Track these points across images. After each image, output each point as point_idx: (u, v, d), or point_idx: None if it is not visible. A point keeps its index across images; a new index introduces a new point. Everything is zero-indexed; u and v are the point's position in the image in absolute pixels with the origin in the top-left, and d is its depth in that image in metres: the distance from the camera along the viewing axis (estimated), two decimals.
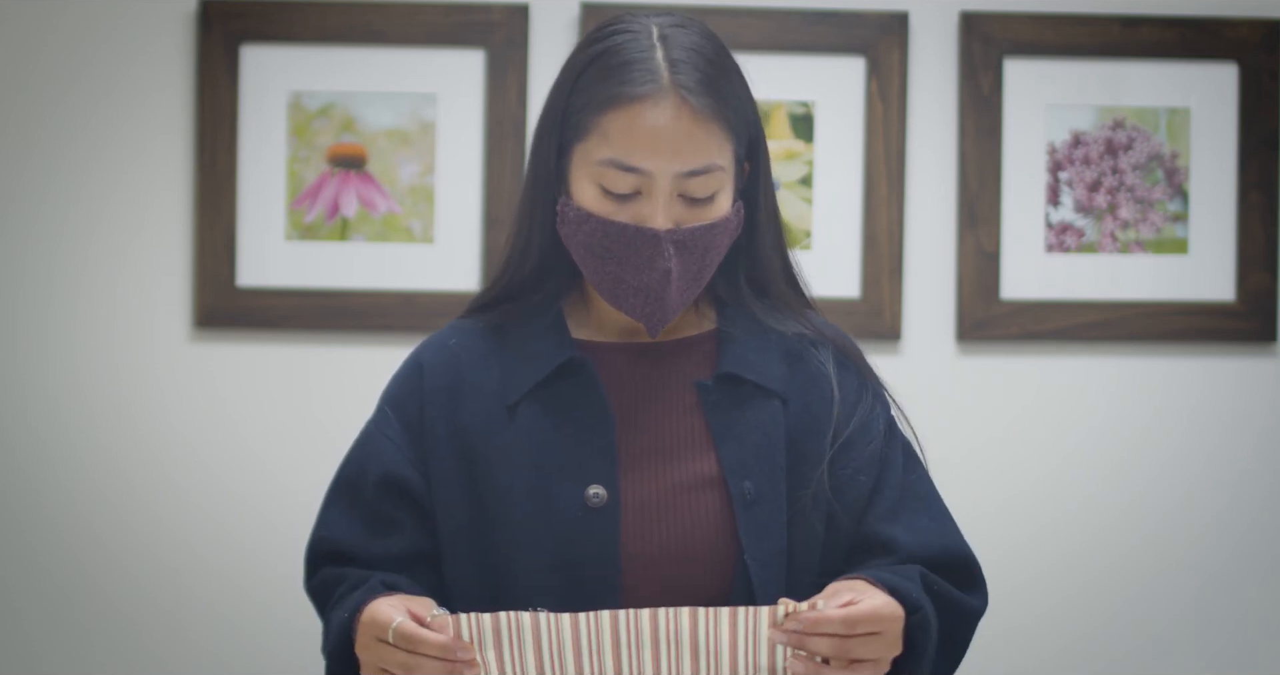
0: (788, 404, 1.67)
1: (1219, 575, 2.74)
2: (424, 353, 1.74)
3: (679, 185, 1.61)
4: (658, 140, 1.59)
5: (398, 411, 1.71)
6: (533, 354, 1.68)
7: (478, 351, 1.71)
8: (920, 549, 1.65)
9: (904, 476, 1.70)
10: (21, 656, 2.63)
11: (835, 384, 1.69)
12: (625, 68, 1.61)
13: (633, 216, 1.62)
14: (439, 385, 1.70)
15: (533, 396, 1.66)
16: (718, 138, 1.62)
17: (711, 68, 1.63)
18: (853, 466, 1.67)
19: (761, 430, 1.65)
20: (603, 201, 1.62)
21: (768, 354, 1.69)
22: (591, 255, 1.64)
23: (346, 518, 1.70)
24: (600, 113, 1.61)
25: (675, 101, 1.60)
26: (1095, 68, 2.72)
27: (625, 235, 1.61)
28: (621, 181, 1.61)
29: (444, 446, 1.67)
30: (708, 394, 1.67)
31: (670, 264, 1.61)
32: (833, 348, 1.72)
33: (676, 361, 1.70)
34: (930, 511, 1.70)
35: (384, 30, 2.65)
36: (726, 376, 1.68)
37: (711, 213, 1.63)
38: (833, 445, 1.66)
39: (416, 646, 1.49)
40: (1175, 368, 2.74)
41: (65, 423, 2.64)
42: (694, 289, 1.65)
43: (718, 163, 1.62)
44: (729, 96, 1.63)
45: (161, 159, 2.66)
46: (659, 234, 1.60)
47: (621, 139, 1.60)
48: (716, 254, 1.65)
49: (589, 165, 1.62)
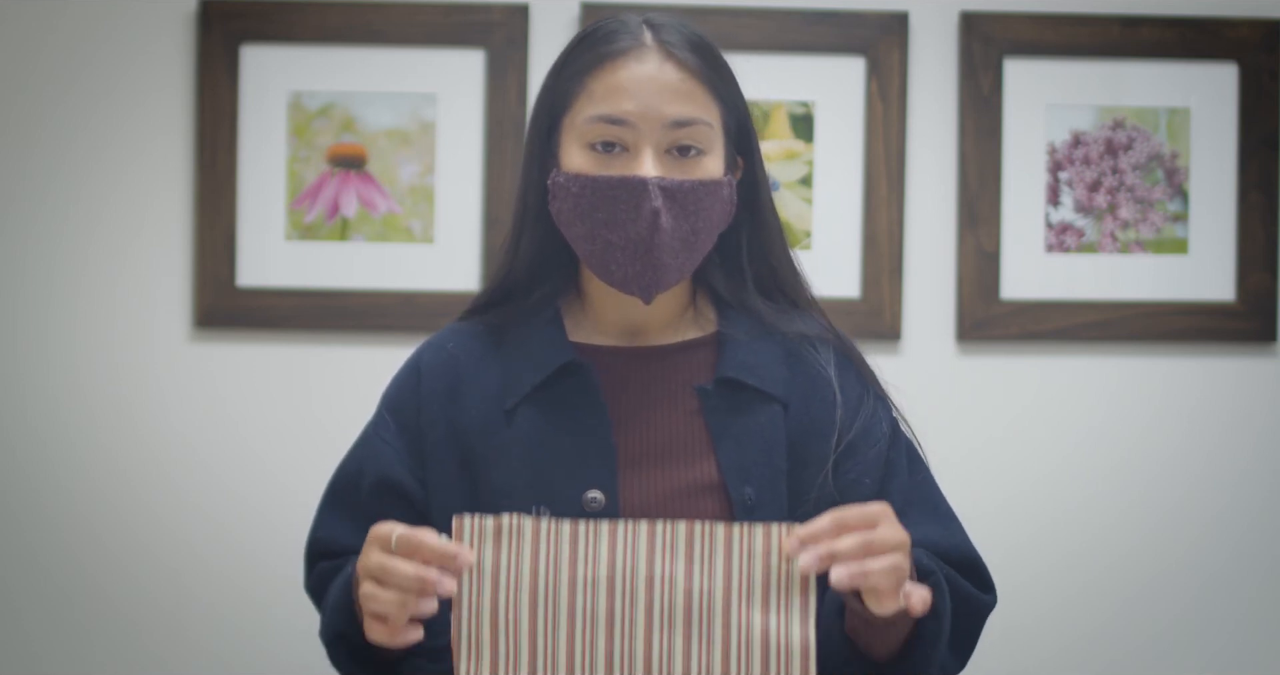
0: (788, 408, 1.66)
1: (1219, 575, 2.74)
2: (423, 356, 1.74)
3: (666, 136, 1.61)
4: (641, 89, 1.61)
5: (395, 415, 1.71)
6: (531, 357, 1.67)
7: (476, 354, 1.71)
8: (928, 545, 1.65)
9: (908, 479, 1.70)
10: (21, 656, 2.63)
11: (837, 387, 1.68)
12: (609, 37, 1.64)
13: (621, 171, 1.61)
14: (437, 389, 1.69)
15: (531, 400, 1.65)
16: (703, 96, 1.63)
17: (699, 41, 1.66)
18: (856, 470, 1.66)
19: (762, 435, 1.64)
20: (591, 160, 1.62)
21: (768, 357, 1.68)
22: (580, 220, 1.63)
23: (341, 519, 1.70)
24: (585, 75, 1.63)
25: (659, 56, 1.62)
26: (1095, 68, 2.72)
27: (612, 186, 1.60)
28: (609, 134, 1.61)
29: (443, 449, 1.67)
30: (707, 398, 1.66)
31: (658, 205, 1.59)
32: (835, 350, 1.72)
33: (676, 365, 1.69)
34: (936, 514, 1.69)
35: (384, 30, 2.66)
36: (726, 381, 1.67)
37: (700, 170, 1.62)
38: (835, 450, 1.66)
39: (417, 550, 1.47)
40: (1175, 368, 2.74)
41: (65, 423, 2.64)
42: (687, 256, 1.63)
43: (704, 118, 1.62)
44: (715, 66, 1.65)
45: (161, 159, 2.66)
46: (645, 180, 1.60)
47: (606, 93, 1.61)
48: (708, 219, 1.63)
49: (577, 128, 1.63)
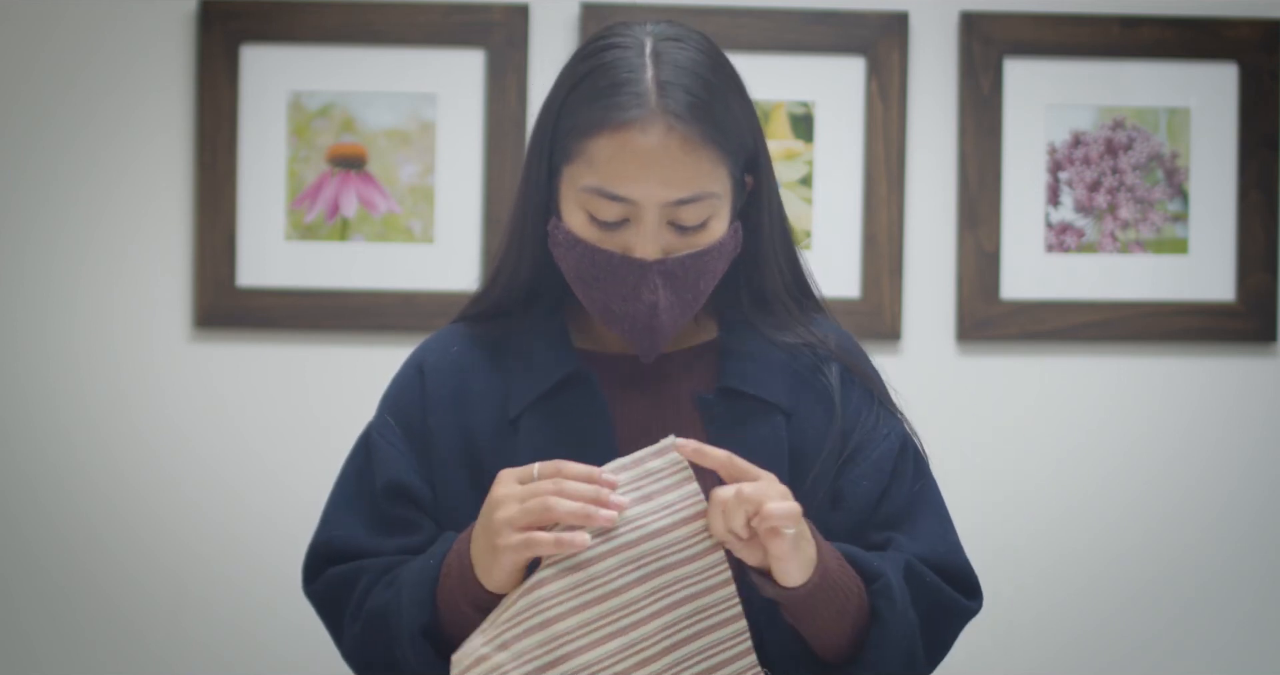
0: (790, 418, 1.65)
1: (1219, 575, 2.74)
2: (425, 358, 1.72)
3: (668, 213, 1.57)
4: (644, 169, 1.55)
5: (399, 417, 1.69)
6: (535, 367, 1.66)
7: (480, 361, 1.69)
8: (918, 552, 1.64)
9: (910, 486, 1.69)
10: (21, 656, 2.63)
11: (839, 396, 1.67)
12: (613, 90, 1.56)
13: (620, 245, 1.58)
14: (443, 393, 1.68)
15: (535, 409, 1.64)
16: (709, 163, 1.56)
17: (705, 90, 1.57)
18: (854, 475, 1.65)
19: (763, 445, 1.63)
20: (590, 228, 1.58)
21: (770, 367, 1.67)
22: (580, 280, 1.61)
23: (355, 520, 1.67)
24: (586, 137, 1.56)
25: (663, 128, 1.54)
26: (1095, 68, 2.72)
27: (611, 264, 1.58)
28: (608, 209, 1.57)
29: (450, 454, 1.65)
30: (708, 409, 1.65)
31: (657, 296, 1.58)
32: (837, 357, 1.70)
33: (678, 373, 1.67)
34: (933, 520, 1.68)
35: (384, 30, 2.65)
36: (727, 391, 1.66)
37: (703, 239, 1.59)
38: (839, 457, 1.65)
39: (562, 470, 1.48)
40: (1175, 368, 2.74)
41: (65, 423, 2.64)
42: (687, 314, 1.62)
43: (709, 190, 1.57)
44: (723, 119, 1.57)
45: (161, 159, 2.66)
46: (645, 265, 1.57)
47: (607, 166, 1.55)
48: (711, 279, 1.62)
49: (576, 190, 1.58)
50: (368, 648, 1.62)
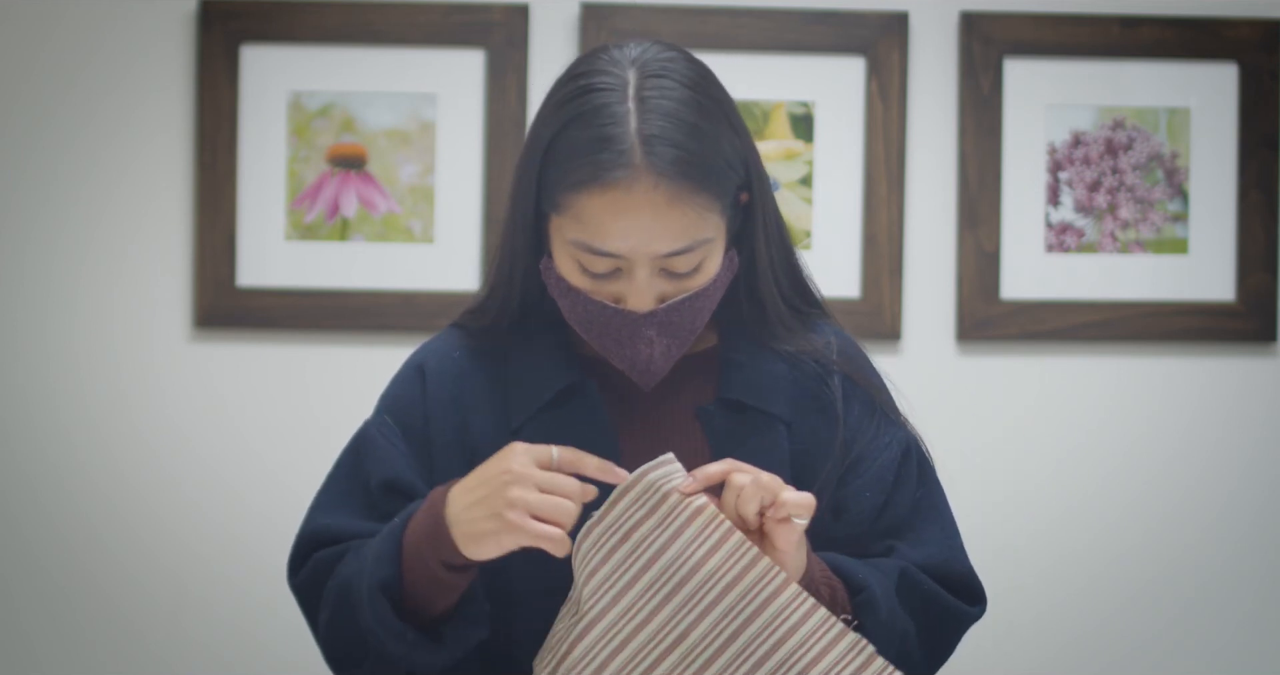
0: (791, 427, 1.65)
1: (1219, 575, 2.74)
2: (426, 360, 1.70)
3: (660, 263, 1.55)
4: (632, 226, 1.52)
5: (398, 417, 1.68)
6: (537, 377, 1.65)
7: (482, 369, 1.67)
8: (919, 559, 1.64)
9: (914, 493, 1.68)
10: (21, 656, 2.63)
11: (840, 404, 1.66)
12: (597, 145, 1.52)
13: (613, 294, 1.57)
14: (444, 397, 1.67)
15: (536, 419, 1.63)
16: (698, 212, 1.53)
17: (692, 138, 1.52)
18: (858, 484, 1.65)
19: (765, 455, 1.61)
20: (582, 277, 1.57)
21: (770, 377, 1.66)
22: (576, 322, 1.61)
23: (347, 510, 1.65)
24: (573, 192, 1.53)
25: (648, 186, 1.51)
26: (1095, 68, 2.72)
27: (605, 315, 1.57)
28: (598, 263, 1.55)
29: (451, 459, 1.64)
30: (709, 419, 1.64)
31: (653, 348, 1.58)
32: (839, 365, 1.69)
33: (680, 382, 1.66)
34: (936, 526, 1.68)
35: (384, 30, 2.65)
36: (728, 401, 1.65)
37: (698, 281, 1.58)
38: (841, 466, 1.64)
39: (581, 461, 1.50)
40: (1175, 368, 2.74)
41: (65, 423, 2.64)
42: (684, 348, 1.62)
43: (700, 238, 1.55)
44: (712, 165, 1.54)
45: (161, 159, 2.66)
46: (639, 318, 1.56)
47: (595, 224, 1.53)
48: (707, 314, 1.61)
49: (565, 241, 1.56)
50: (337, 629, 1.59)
